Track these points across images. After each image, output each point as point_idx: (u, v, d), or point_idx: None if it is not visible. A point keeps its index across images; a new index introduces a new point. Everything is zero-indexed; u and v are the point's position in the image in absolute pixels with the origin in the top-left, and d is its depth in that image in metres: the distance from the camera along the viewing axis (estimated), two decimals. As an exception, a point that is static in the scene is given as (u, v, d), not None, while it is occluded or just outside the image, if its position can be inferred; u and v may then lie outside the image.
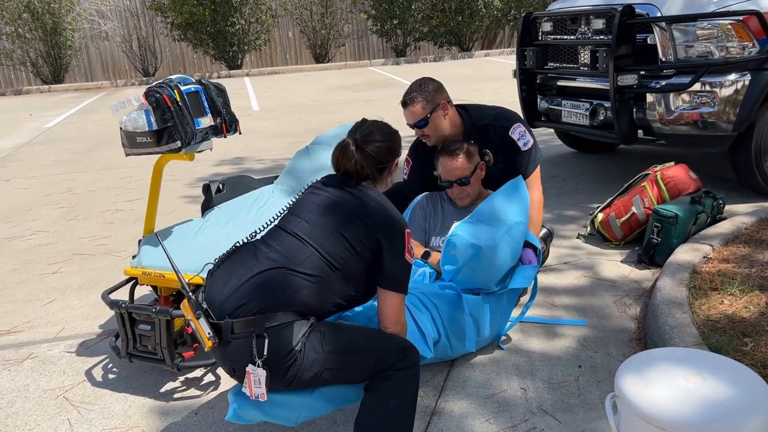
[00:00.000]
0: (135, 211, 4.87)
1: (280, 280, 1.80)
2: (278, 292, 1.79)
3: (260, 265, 1.84)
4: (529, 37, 4.76)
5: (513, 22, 16.68)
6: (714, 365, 1.63)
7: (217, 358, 1.87)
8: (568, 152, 5.68)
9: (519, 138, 2.80)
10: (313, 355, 1.78)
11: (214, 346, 1.80)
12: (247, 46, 15.94)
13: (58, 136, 8.52)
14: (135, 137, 2.43)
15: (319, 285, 1.83)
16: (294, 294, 1.80)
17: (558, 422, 2.14)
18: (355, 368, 1.84)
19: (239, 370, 1.79)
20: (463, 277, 2.51)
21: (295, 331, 1.77)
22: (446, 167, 2.75)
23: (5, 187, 5.90)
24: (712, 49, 3.68)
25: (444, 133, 2.79)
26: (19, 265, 3.90)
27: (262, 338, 1.74)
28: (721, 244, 3.22)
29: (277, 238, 1.91)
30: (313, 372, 1.79)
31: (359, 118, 8.60)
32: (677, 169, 3.61)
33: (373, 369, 1.85)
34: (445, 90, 2.81)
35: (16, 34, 15.11)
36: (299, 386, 1.82)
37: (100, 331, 3.00)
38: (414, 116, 2.74)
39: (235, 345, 1.77)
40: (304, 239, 1.87)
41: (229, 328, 1.77)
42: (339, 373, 1.83)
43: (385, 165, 2.05)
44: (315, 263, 1.84)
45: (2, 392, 2.54)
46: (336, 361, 1.81)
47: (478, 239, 2.48)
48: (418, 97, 2.73)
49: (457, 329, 2.40)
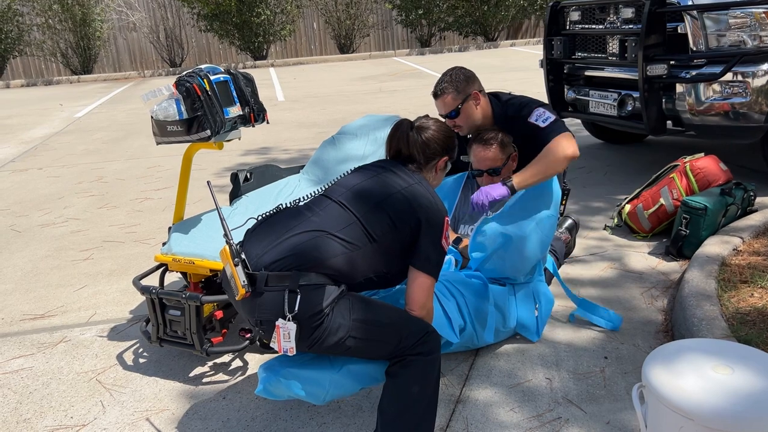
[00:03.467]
0: (163, 200, 4.95)
1: (318, 243, 1.84)
2: (315, 254, 1.82)
3: (301, 226, 1.89)
4: (556, 26, 4.72)
5: (539, 12, 16.49)
6: (743, 356, 1.61)
7: (244, 310, 1.88)
8: (595, 143, 5.63)
9: (537, 119, 2.71)
10: (339, 320, 1.81)
11: (247, 295, 1.82)
12: (272, 36, 16.00)
13: (87, 125, 8.67)
14: (166, 126, 2.47)
15: (354, 254, 1.86)
16: (330, 258, 1.83)
17: (583, 412, 2.14)
18: (377, 341, 1.86)
19: (267, 323, 1.82)
20: (492, 265, 2.51)
21: (327, 293, 1.80)
22: (478, 156, 2.73)
23: (38, 175, 6.03)
24: (745, 38, 3.61)
25: (476, 123, 2.78)
26: (52, 252, 3.99)
27: (295, 294, 1.78)
28: (752, 236, 3.18)
29: (321, 205, 1.96)
30: (337, 337, 1.81)
31: (384, 108, 8.51)
32: (707, 160, 3.56)
33: (395, 346, 1.87)
34: (477, 79, 2.79)
35: (46, 25, 15.37)
36: (321, 350, 1.83)
37: (130, 317, 3.07)
38: (445, 107, 2.74)
39: (268, 297, 1.80)
40: (347, 207, 1.92)
41: (264, 280, 1.81)
42: (362, 343, 1.84)
43: (434, 156, 2.09)
44: (354, 232, 1.87)
45: (37, 374, 2.62)
46: (360, 330, 1.83)
47: (508, 229, 2.48)
48: (449, 88, 2.72)
49: (483, 319, 2.41)
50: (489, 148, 2.70)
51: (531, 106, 2.79)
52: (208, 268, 2.49)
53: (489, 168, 2.72)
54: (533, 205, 2.56)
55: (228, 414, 2.27)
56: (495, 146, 2.70)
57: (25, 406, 2.40)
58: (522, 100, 2.86)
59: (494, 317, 2.42)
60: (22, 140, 7.84)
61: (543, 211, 2.54)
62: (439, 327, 2.23)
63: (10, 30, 15.26)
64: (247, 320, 1.91)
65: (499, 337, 2.52)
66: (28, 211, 4.88)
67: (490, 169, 2.72)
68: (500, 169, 2.72)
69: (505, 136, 2.74)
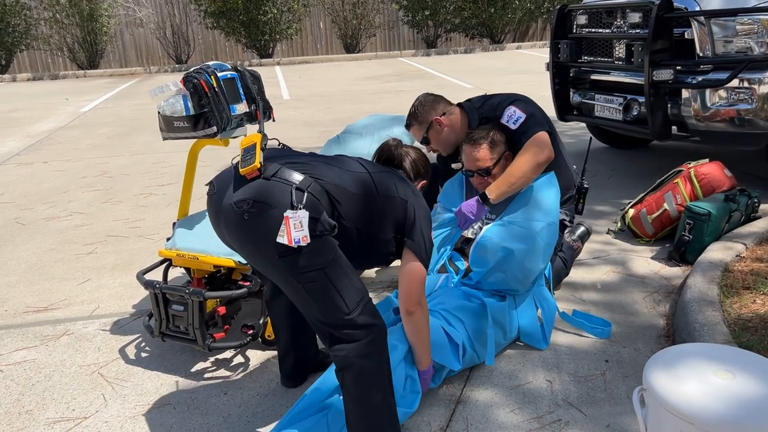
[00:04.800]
0: (167, 196, 4.96)
1: (334, 171, 1.90)
2: (330, 174, 1.87)
3: (318, 160, 1.94)
4: (563, 30, 4.72)
5: (546, 15, 16.49)
6: (745, 362, 1.62)
7: (237, 188, 1.82)
8: (600, 147, 5.63)
9: (508, 120, 2.72)
10: (323, 248, 1.78)
11: (254, 173, 1.81)
12: (278, 35, 16.02)
13: (93, 120, 8.69)
14: (172, 121, 2.48)
15: (357, 197, 1.88)
16: (341, 185, 1.86)
17: (583, 415, 2.15)
18: (339, 294, 1.81)
19: (259, 205, 1.76)
20: (494, 279, 2.50)
21: (326, 217, 1.80)
22: (468, 156, 2.71)
23: (43, 169, 6.05)
24: (752, 44, 3.61)
25: (450, 142, 2.88)
26: (56, 245, 4.01)
27: (302, 192, 1.77)
28: (755, 243, 3.18)
29: (336, 158, 2.02)
30: (310, 261, 1.76)
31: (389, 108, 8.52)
32: (712, 166, 3.56)
33: (346, 313, 1.82)
34: (441, 101, 2.87)
35: (53, 20, 15.41)
36: (286, 269, 1.78)
37: (133, 311, 3.08)
38: (416, 137, 2.91)
39: (274, 185, 1.78)
40: (362, 163, 2.01)
41: (275, 170, 1.80)
42: (325, 285, 1.79)
43: (411, 174, 2.21)
44: (364, 179, 1.93)
45: (40, 366, 2.63)
46: (333, 273, 1.80)
47: (510, 242, 2.47)
48: (412, 122, 2.89)
49: (483, 340, 2.40)
50: (477, 148, 2.68)
51: (503, 104, 2.77)
52: (212, 264, 2.50)
53: (479, 169, 2.69)
54: (534, 208, 2.56)
55: (229, 410, 2.28)
56: (484, 146, 2.67)
57: (28, 398, 2.41)
58: (495, 101, 2.84)
59: (493, 338, 2.40)
60: (27, 134, 7.87)
61: (544, 218, 2.54)
62: (443, 354, 2.23)
63: (18, 24, 15.30)
64: (233, 204, 1.80)
65: (499, 349, 2.52)
66: (32, 205, 4.89)
67: (480, 170, 2.69)
68: (490, 170, 2.68)
69: (497, 135, 2.70)
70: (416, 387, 2.13)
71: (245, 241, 1.81)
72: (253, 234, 1.78)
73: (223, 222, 1.86)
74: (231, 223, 1.81)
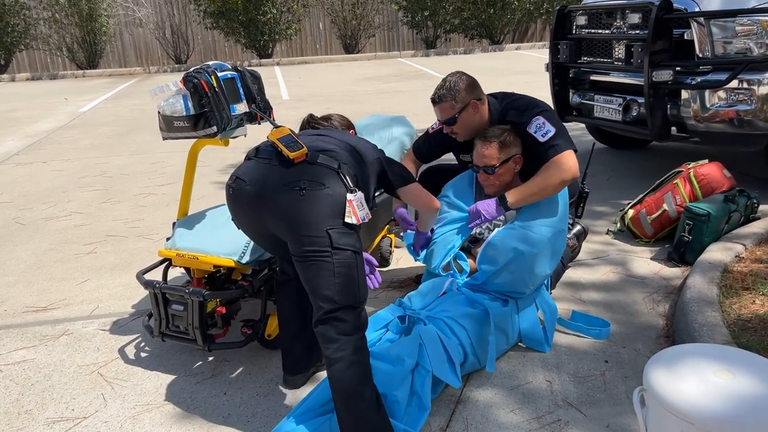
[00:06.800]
0: (167, 196, 4.96)
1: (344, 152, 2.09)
2: (343, 154, 2.07)
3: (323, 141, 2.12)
4: (562, 30, 4.73)
5: (545, 16, 16.50)
6: (744, 362, 1.62)
7: (292, 174, 1.96)
8: (599, 148, 5.63)
9: (536, 131, 2.69)
10: (346, 240, 1.92)
11: (303, 156, 1.97)
12: (278, 35, 16.02)
13: (92, 120, 8.68)
14: (172, 121, 2.48)
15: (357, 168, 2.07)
16: (347, 162, 2.04)
17: (583, 415, 2.15)
18: (353, 281, 1.94)
19: (316, 186, 1.92)
20: (501, 279, 2.51)
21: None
22: (477, 152, 2.71)
23: (42, 168, 6.04)
24: (752, 45, 3.62)
25: (474, 130, 2.78)
26: (56, 245, 4.01)
27: (343, 174, 1.97)
28: (754, 243, 3.18)
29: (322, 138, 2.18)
30: (352, 241, 1.93)
31: (389, 108, 8.52)
32: (711, 166, 3.56)
33: (351, 301, 1.92)
34: (478, 86, 2.77)
35: (52, 20, 15.40)
36: (329, 243, 1.89)
37: (132, 311, 3.08)
38: (443, 114, 2.75)
39: (318, 168, 1.96)
40: (336, 137, 2.19)
41: (316, 156, 1.99)
42: (349, 267, 1.92)
43: (345, 126, 2.52)
44: (353, 152, 2.12)
45: (39, 366, 2.63)
46: (360, 261, 1.96)
47: (521, 244, 2.49)
48: (447, 96, 2.71)
49: (485, 347, 2.40)
50: (487, 145, 2.67)
51: (532, 112, 2.72)
52: (212, 264, 2.50)
53: (485, 165, 2.69)
54: (546, 219, 2.58)
55: (229, 409, 2.28)
56: (494, 144, 2.66)
57: (27, 398, 2.41)
58: (522, 104, 2.80)
59: (494, 346, 2.40)
60: (26, 134, 7.86)
61: (555, 225, 2.56)
62: (441, 371, 2.22)
63: (17, 23, 15.29)
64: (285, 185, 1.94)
65: (501, 354, 2.52)
66: (32, 204, 4.89)
67: (486, 167, 2.69)
68: (495, 169, 2.66)
69: (511, 137, 2.69)
70: (423, 404, 2.11)
71: (300, 215, 1.91)
72: (310, 207, 1.90)
73: (268, 205, 1.96)
74: (284, 202, 1.93)
